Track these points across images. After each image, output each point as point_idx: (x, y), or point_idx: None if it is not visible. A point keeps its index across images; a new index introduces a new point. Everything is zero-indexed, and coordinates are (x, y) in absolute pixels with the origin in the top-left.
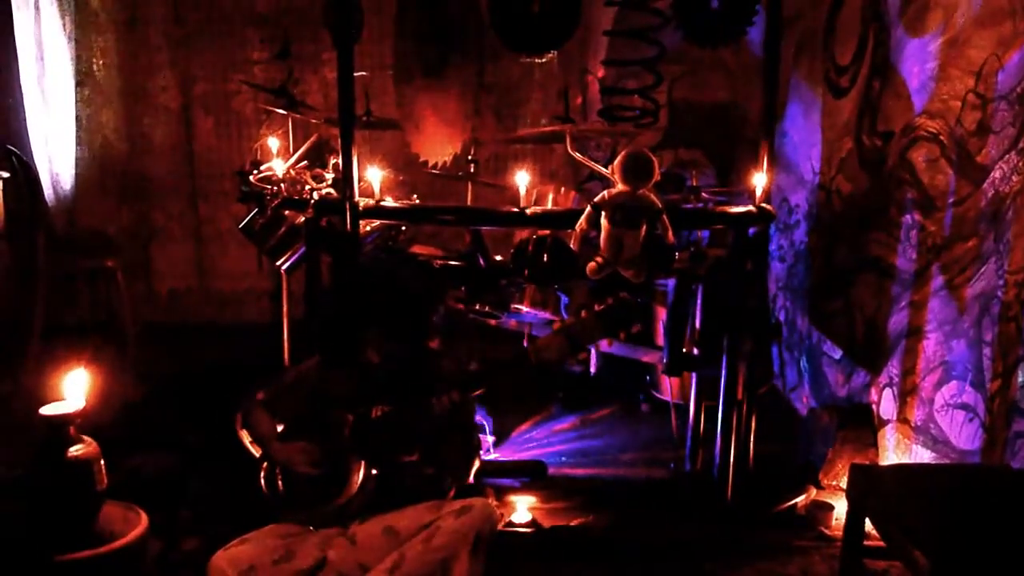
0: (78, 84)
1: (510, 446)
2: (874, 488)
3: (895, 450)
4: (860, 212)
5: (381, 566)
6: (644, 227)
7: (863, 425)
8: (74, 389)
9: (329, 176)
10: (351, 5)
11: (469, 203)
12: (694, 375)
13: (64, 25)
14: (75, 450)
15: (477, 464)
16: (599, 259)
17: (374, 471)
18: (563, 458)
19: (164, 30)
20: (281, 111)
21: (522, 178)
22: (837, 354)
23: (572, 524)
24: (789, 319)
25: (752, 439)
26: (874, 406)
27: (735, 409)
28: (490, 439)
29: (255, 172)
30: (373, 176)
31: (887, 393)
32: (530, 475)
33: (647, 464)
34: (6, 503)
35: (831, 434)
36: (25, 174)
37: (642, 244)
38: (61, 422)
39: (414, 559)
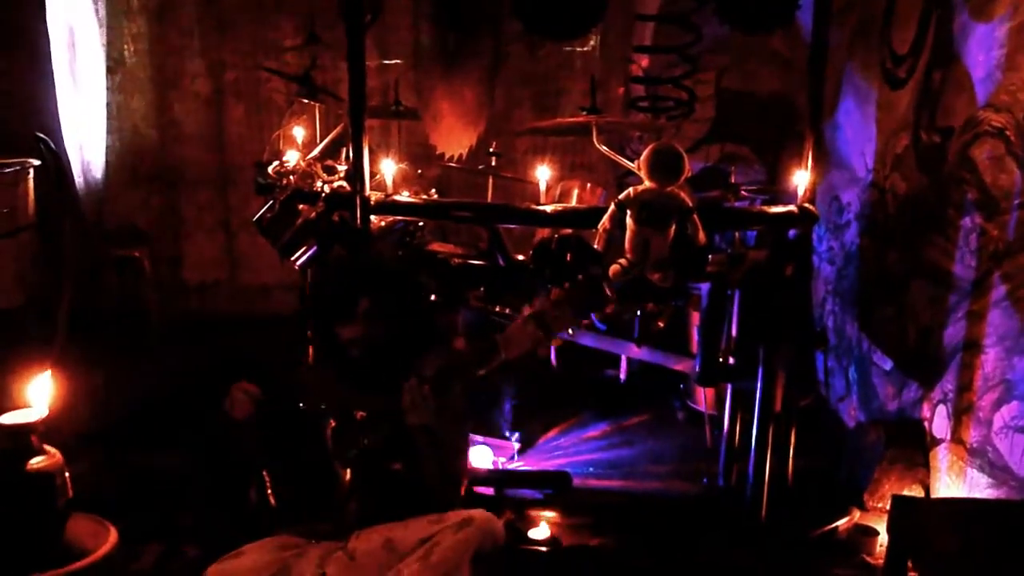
0: (109, 71)
1: (535, 454)
2: (918, 526)
3: (948, 473)
4: (916, 213)
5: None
6: (673, 227)
7: (913, 444)
8: (38, 396)
9: (342, 168)
10: None
11: (490, 199)
12: (729, 386)
13: (96, 11)
14: (36, 462)
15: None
16: (624, 261)
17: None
18: (591, 468)
19: (195, 16)
20: (307, 100)
21: (543, 173)
22: (888, 365)
23: (591, 544)
24: (838, 325)
25: (791, 455)
26: (926, 423)
27: (771, 423)
28: (515, 446)
29: (274, 163)
30: (386, 169)
31: (941, 410)
32: (553, 487)
33: (679, 477)
34: None
35: (878, 452)
36: (55, 162)
37: (671, 245)
38: (21, 431)
39: None
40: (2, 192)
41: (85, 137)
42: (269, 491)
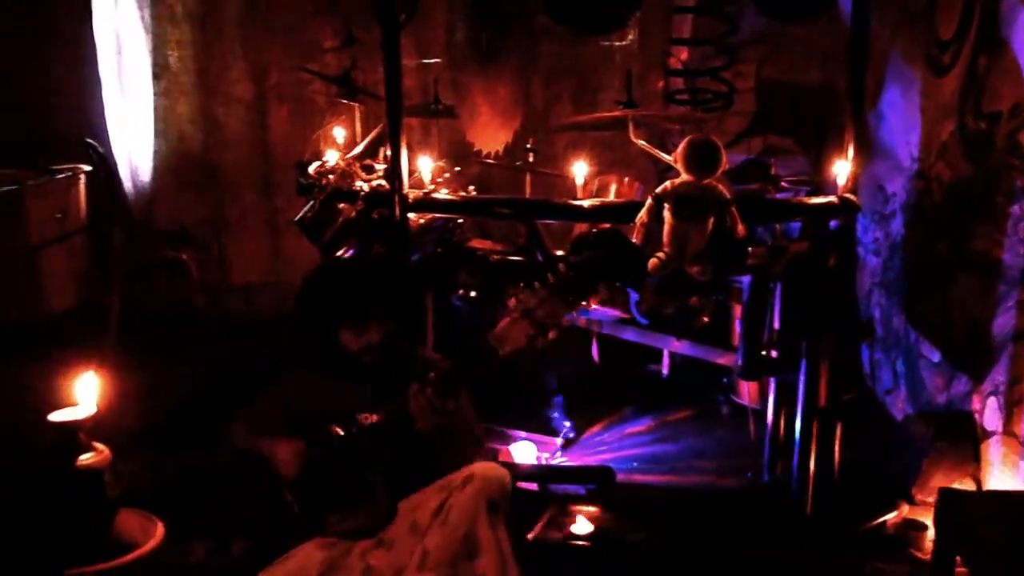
0: (155, 76)
1: (579, 449)
2: (966, 519)
3: (1000, 466)
4: (962, 202)
5: (412, 562)
6: (711, 220)
7: (963, 437)
8: (85, 394)
9: (380, 167)
10: None
11: (528, 194)
12: (772, 379)
13: (142, 17)
14: (85, 458)
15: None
16: (661, 255)
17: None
18: (635, 464)
19: (238, 20)
20: (346, 101)
21: (579, 168)
22: (936, 357)
23: (633, 538)
24: (884, 317)
25: (836, 448)
26: (976, 416)
27: (816, 416)
28: (558, 441)
29: (315, 163)
30: (424, 167)
31: (991, 402)
32: (596, 482)
33: (724, 472)
34: (17, 513)
35: (927, 445)
36: (104, 167)
37: (709, 238)
38: (70, 428)
39: (437, 548)
40: (55, 197)
41: (133, 142)
42: (292, 501)
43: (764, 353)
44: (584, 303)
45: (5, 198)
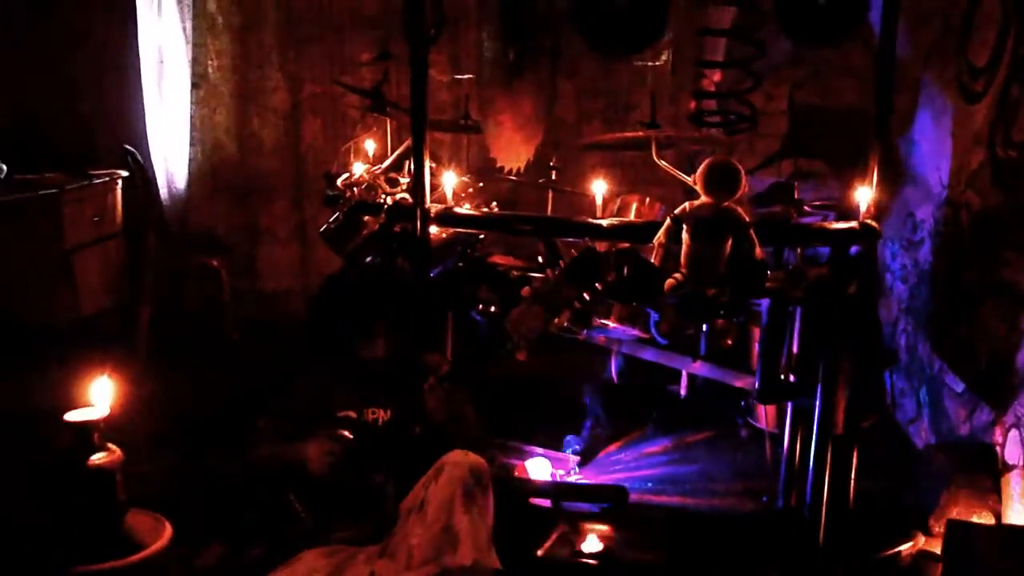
0: (194, 86)
1: (595, 467)
2: (972, 552)
3: (1020, 500)
4: (991, 230)
5: (401, 562)
6: (729, 242)
7: (983, 469)
8: (99, 395)
9: (404, 180)
10: (423, 4)
11: (549, 212)
12: (789, 404)
13: (184, 29)
14: (98, 458)
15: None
16: (678, 275)
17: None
18: (649, 484)
19: (276, 33)
20: (375, 113)
21: (599, 187)
22: (959, 387)
23: (643, 559)
24: (910, 345)
25: (853, 476)
26: (998, 448)
27: (831, 443)
28: (572, 458)
29: (342, 176)
30: (447, 182)
31: (1013, 435)
32: (609, 501)
33: (739, 496)
34: (29, 511)
35: (946, 476)
36: (141, 174)
37: (726, 261)
38: (85, 428)
39: (420, 544)
40: (93, 202)
41: (170, 149)
42: (299, 510)
43: (782, 377)
44: (592, 294)
45: (44, 201)
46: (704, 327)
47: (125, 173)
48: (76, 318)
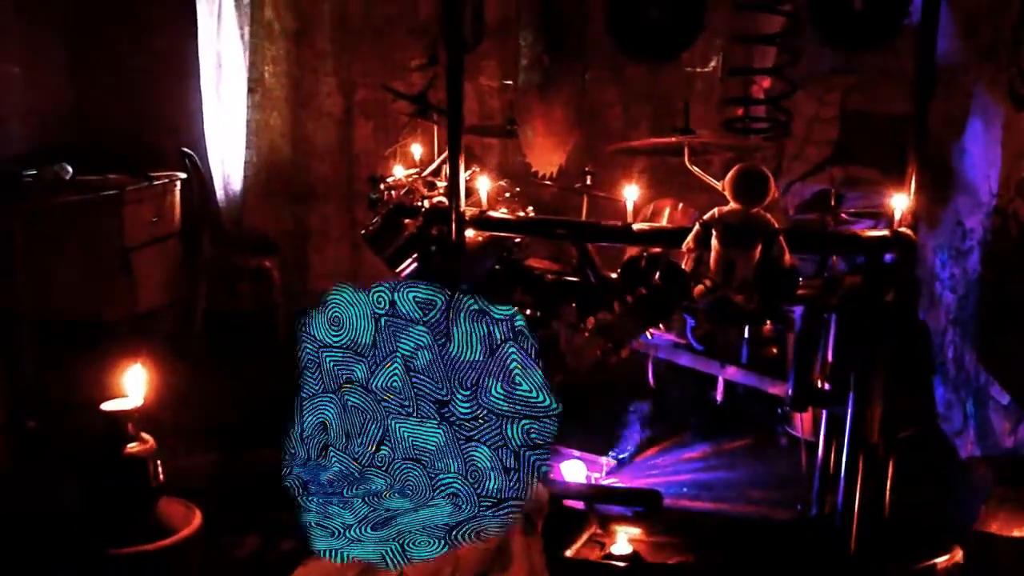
0: (250, 90)
1: (631, 471)
2: (993, 564)
3: None
4: None
5: (445, 570)
6: (758, 249)
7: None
8: (134, 386)
9: (442, 184)
10: (460, 9)
11: (584, 217)
12: (824, 412)
13: (242, 35)
14: (132, 447)
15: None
16: (708, 281)
17: None
18: (684, 489)
19: (331, 38)
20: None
21: (631, 192)
22: (1005, 399)
23: (670, 563)
24: (957, 356)
25: (888, 486)
26: None
27: (864, 452)
28: (604, 462)
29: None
30: (482, 186)
31: None
32: (643, 505)
33: (774, 504)
34: (70, 496)
35: (987, 489)
36: (199, 176)
37: (755, 267)
38: (120, 418)
39: (469, 556)
40: (152, 202)
41: (226, 152)
42: None
43: (817, 385)
44: (658, 327)
45: (106, 202)
46: (746, 334)
47: (183, 175)
48: (133, 315)
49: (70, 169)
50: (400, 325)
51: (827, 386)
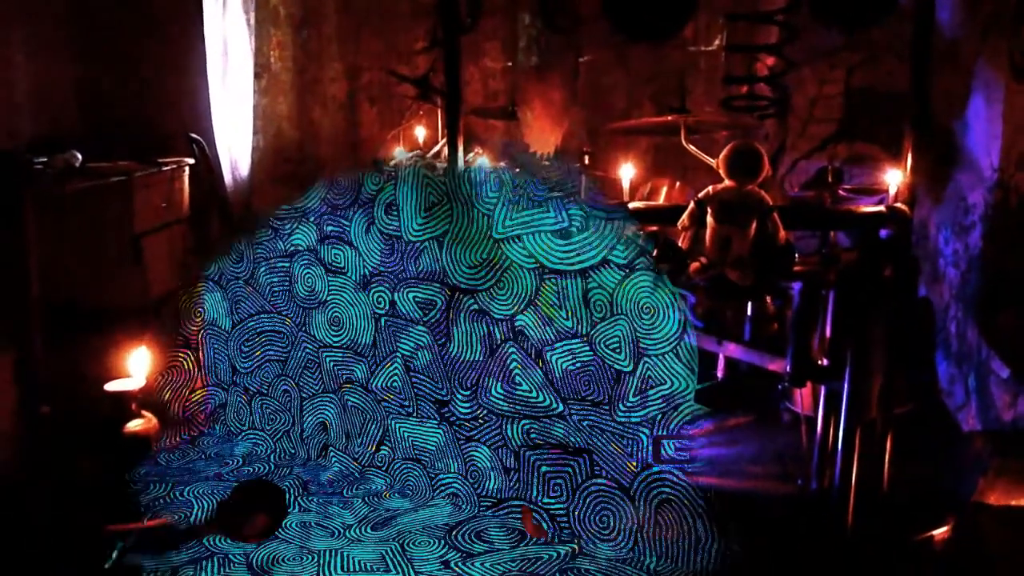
0: (256, 76)
1: None
2: (977, 532)
3: None
4: None
5: None
6: (753, 226)
7: (1021, 455)
8: (137, 367)
9: (441, 166)
10: None
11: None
12: (823, 387)
13: (248, 21)
14: (134, 425)
15: None
16: (703, 259)
17: None
18: (687, 465)
19: (335, 22)
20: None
21: (626, 171)
22: (1005, 373)
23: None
24: (960, 331)
25: (887, 461)
26: None
27: (861, 427)
28: None
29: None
30: (482, 165)
31: None
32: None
33: (775, 479)
34: (75, 474)
35: (985, 462)
36: (206, 161)
37: (751, 244)
38: (123, 398)
39: None
40: (161, 188)
41: (234, 137)
42: None
43: (817, 361)
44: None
45: (115, 188)
46: (749, 312)
47: (191, 161)
48: (144, 300)
49: (79, 156)
50: (400, 325)
51: (825, 362)
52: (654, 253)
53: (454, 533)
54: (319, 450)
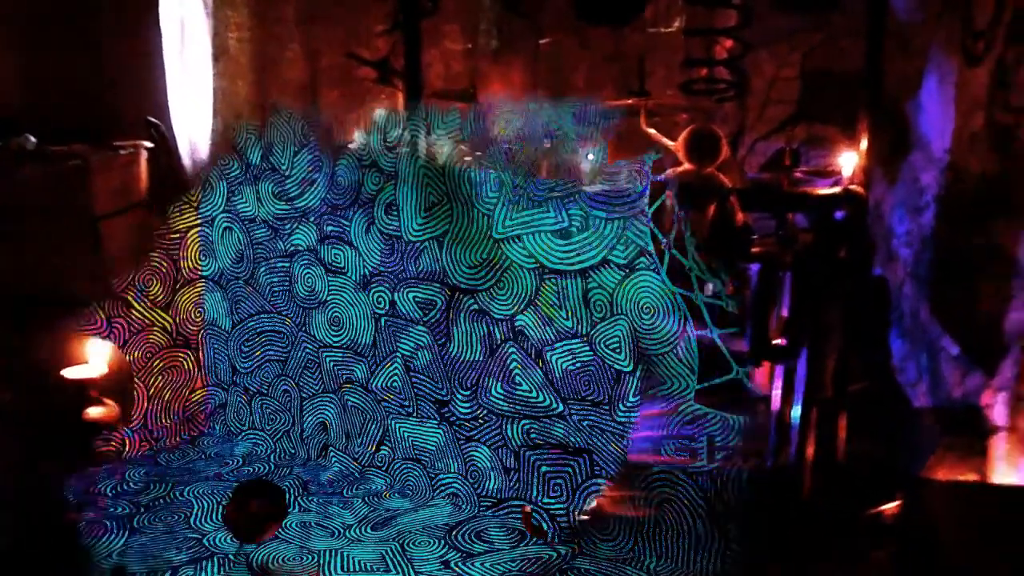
0: (214, 58)
1: None
2: (925, 508)
3: (1006, 460)
4: (988, 195)
5: None
6: (712, 208)
7: (970, 431)
8: (95, 354)
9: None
10: None
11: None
12: (779, 367)
13: (205, 3)
14: (94, 412)
15: None
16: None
17: None
18: (647, 444)
19: (294, 4)
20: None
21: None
22: (955, 350)
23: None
24: (913, 310)
25: (841, 438)
26: (987, 411)
27: (816, 405)
28: None
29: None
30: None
31: (1001, 397)
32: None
33: (736, 456)
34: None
35: (934, 438)
36: (164, 144)
37: (709, 226)
38: (82, 385)
39: None
40: (117, 172)
41: (192, 121)
42: None
43: (775, 341)
44: None
45: (72, 172)
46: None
47: (149, 144)
48: (103, 286)
49: (33, 140)
50: (400, 325)
51: (783, 341)
52: None
53: (454, 533)
54: (319, 450)
